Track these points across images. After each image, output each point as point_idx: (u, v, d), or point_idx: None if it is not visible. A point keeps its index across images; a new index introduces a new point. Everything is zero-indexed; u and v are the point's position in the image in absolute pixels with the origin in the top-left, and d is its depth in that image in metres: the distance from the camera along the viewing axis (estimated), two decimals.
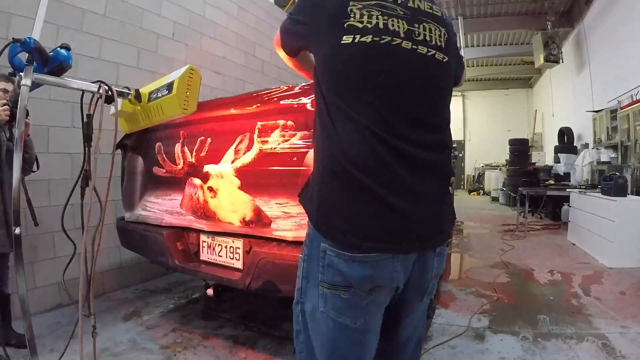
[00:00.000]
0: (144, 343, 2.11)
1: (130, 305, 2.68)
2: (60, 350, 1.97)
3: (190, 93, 1.52)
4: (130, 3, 3.11)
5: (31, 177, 2.41)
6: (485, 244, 4.73)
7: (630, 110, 5.29)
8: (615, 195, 3.69)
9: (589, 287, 3.03)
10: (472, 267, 3.71)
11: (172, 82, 1.49)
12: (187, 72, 1.53)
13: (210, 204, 1.92)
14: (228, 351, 2.02)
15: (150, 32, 3.31)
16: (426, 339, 2.15)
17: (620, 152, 5.67)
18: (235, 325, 2.34)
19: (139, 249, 2.33)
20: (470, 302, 2.72)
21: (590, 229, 4.14)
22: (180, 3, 3.63)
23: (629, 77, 5.47)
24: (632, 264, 3.52)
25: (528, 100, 13.09)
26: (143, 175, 2.26)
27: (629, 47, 5.58)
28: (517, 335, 2.18)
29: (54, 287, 2.53)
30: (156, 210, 2.18)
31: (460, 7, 8.31)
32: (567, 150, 7.38)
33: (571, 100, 8.54)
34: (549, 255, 4.10)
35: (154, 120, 1.61)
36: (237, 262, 1.88)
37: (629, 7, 5.58)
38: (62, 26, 2.57)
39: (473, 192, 12.33)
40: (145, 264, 2.98)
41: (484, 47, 10.65)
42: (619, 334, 2.17)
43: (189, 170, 2.00)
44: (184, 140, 2.00)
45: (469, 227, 6.08)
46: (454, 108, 13.82)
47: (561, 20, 8.18)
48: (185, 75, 1.53)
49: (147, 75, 3.22)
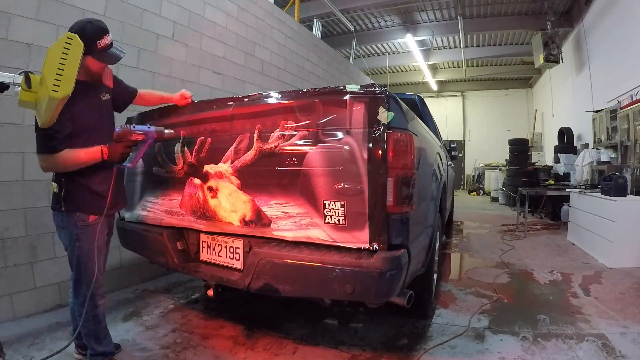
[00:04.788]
0: (144, 343, 2.11)
1: (130, 305, 2.68)
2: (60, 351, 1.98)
3: (65, 70, 1.17)
4: (130, 3, 3.11)
5: (31, 177, 2.42)
6: (485, 244, 4.73)
7: (630, 110, 5.29)
8: (615, 195, 3.69)
9: (589, 287, 3.03)
10: (472, 267, 3.71)
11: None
12: (62, 41, 1.19)
13: (210, 204, 1.92)
14: (228, 351, 2.02)
15: (150, 32, 3.31)
16: (426, 339, 2.15)
17: (620, 152, 5.67)
18: (235, 325, 2.34)
19: (139, 249, 2.33)
20: (470, 302, 2.72)
21: (590, 229, 4.14)
22: (180, 3, 3.63)
23: (628, 77, 5.48)
24: (632, 264, 3.52)
25: (528, 100, 13.10)
26: (143, 175, 2.25)
27: (629, 47, 5.59)
28: (517, 335, 2.18)
29: (54, 287, 2.52)
30: (156, 210, 2.18)
31: (460, 7, 8.31)
32: (567, 150, 7.39)
33: (571, 100, 8.55)
34: (549, 255, 4.10)
35: (42, 110, 1.26)
36: (237, 262, 1.88)
37: (629, 7, 5.58)
38: (62, 26, 2.56)
39: (473, 192, 12.34)
40: (145, 264, 2.97)
41: (484, 47, 10.66)
42: (619, 334, 2.16)
43: (189, 170, 2.00)
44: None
45: (468, 227, 6.08)
46: (454, 108, 13.89)
47: (561, 20, 8.18)
48: (58, 45, 1.18)
49: (147, 75, 3.22)
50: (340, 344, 2.09)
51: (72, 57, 1.21)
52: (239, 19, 4.49)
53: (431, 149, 2.38)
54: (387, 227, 1.54)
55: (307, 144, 1.65)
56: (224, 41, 4.23)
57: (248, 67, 4.66)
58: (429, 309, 2.40)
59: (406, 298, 1.75)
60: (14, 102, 1.60)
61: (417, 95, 3.96)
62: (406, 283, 1.71)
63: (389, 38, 10.02)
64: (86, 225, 1.66)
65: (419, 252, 1.85)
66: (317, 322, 2.37)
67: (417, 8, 8.70)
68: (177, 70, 3.59)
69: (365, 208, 1.53)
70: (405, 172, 1.59)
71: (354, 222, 1.56)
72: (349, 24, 8.69)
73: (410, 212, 1.63)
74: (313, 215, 1.63)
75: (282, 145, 1.70)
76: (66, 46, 1.20)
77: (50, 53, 1.21)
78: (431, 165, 2.30)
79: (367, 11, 8.90)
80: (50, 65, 1.19)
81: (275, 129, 1.73)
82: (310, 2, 7.94)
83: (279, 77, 5.33)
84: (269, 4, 5.16)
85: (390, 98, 1.61)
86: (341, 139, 1.59)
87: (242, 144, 1.83)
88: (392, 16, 9.17)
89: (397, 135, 1.57)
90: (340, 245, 1.60)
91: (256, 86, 4.76)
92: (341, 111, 1.61)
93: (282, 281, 1.69)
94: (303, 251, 1.65)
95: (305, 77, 6.08)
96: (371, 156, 1.53)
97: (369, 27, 9.84)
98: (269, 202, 1.73)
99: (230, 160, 1.85)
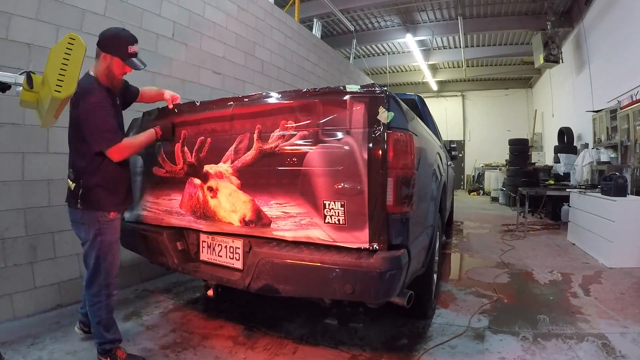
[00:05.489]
0: (144, 343, 2.11)
1: (130, 305, 2.68)
2: (60, 350, 1.98)
3: (68, 70, 1.18)
4: (130, 3, 3.11)
5: (31, 177, 2.42)
6: (485, 244, 4.73)
7: (630, 110, 5.29)
8: (615, 195, 3.69)
9: (589, 287, 3.03)
10: (472, 267, 3.71)
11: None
12: (65, 42, 1.20)
13: (210, 204, 1.92)
14: (228, 351, 2.02)
15: (150, 32, 3.30)
16: (426, 339, 2.15)
17: (620, 152, 5.67)
18: (235, 325, 2.34)
19: (139, 249, 2.32)
20: (470, 302, 2.72)
21: (590, 229, 4.14)
22: (180, 3, 3.63)
23: (628, 77, 5.47)
24: (632, 264, 3.52)
25: (528, 100, 13.09)
26: (143, 175, 2.25)
27: (628, 47, 5.58)
28: (517, 335, 2.18)
29: (54, 288, 2.52)
30: (156, 210, 2.18)
31: (460, 7, 8.31)
32: (567, 150, 7.39)
33: (571, 100, 8.55)
34: (549, 255, 4.10)
35: (43, 110, 1.26)
36: (237, 262, 1.88)
37: (629, 7, 5.58)
38: (62, 26, 2.57)
39: (473, 192, 12.33)
40: (145, 264, 2.97)
41: (484, 47, 10.66)
42: (619, 334, 2.16)
43: (189, 170, 2.00)
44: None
45: (468, 227, 6.08)
46: (454, 108, 13.89)
47: (561, 20, 8.18)
48: (61, 46, 1.19)
49: (147, 75, 3.22)
50: (340, 344, 2.09)
51: (74, 57, 1.21)
52: (239, 19, 4.49)
53: (431, 149, 2.38)
54: (387, 227, 1.54)
55: (307, 144, 1.64)
56: (224, 41, 4.23)
57: (248, 67, 4.66)
58: (429, 309, 2.40)
59: (406, 298, 1.75)
60: (13, 102, 1.60)
61: (417, 95, 3.96)
62: (406, 283, 1.71)
63: (389, 38, 10.02)
64: (108, 221, 1.80)
65: (419, 252, 1.85)
66: (317, 322, 2.37)
67: (417, 8, 8.70)
68: (177, 70, 3.59)
69: (365, 208, 1.53)
70: (405, 172, 1.59)
71: (354, 222, 1.56)
72: (349, 24, 8.69)
73: (410, 212, 1.63)
74: (313, 215, 1.63)
75: (282, 145, 1.70)
76: (69, 47, 1.20)
77: (52, 53, 1.21)
78: (431, 165, 2.30)
79: (367, 11, 8.90)
80: (52, 65, 1.18)
81: (275, 129, 1.73)
82: (310, 2, 7.94)
83: (279, 77, 5.33)
84: (269, 4, 5.16)
85: (390, 98, 1.62)
86: (341, 139, 1.59)
87: (242, 144, 1.82)
88: (392, 16, 9.17)
89: (397, 135, 1.57)
90: (340, 245, 1.60)
91: (256, 86, 4.76)
92: (341, 111, 1.61)
93: (282, 281, 1.69)
94: (303, 251, 1.65)
95: (305, 77, 6.08)
96: (371, 156, 1.53)
97: (369, 27, 9.83)
98: (269, 202, 1.73)
99: (230, 160, 1.85)
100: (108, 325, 1.83)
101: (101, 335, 1.81)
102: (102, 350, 1.82)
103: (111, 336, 1.83)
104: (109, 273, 1.80)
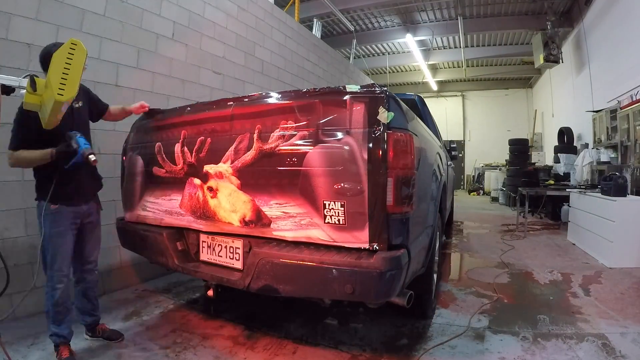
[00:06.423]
0: (144, 343, 2.11)
1: (130, 305, 2.68)
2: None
3: (70, 74, 1.22)
4: (129, 3, 3.11)
5: (31, 177, 2.41)
6: (485, 244, 4.73)
7: (630, 110, 5.29)
8: (615, 195, 3.69)
9: (589, 287, 3.03)
10: (472, 267, 3.71)
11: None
12: (66, 47, 1.23)
13: (210, 204, 1.92)
14: (228, 351, 2.02)
15: (150, 32, 3.30)
16: (426, 339, 2.15)
17: (620, 152, 5.67)
18: (235, 325, 2.34)
19: (139, 249, 2.33)
20: (470, 302, 2.72)
21: (590, 229, 4.13)
22: (180, 3, 3.63)
23: (628, 77, 5.47)
24: (632, 264, 3.52)
25: (528, 100, 13.10)
26: (143, 175, 2.25)
27: (629, 47, 5.58)
28: (517, 335, 2.18)
29: None
30: (156, 211, 2.18)
31: (460, 7, 8.31)
32: (567, 150, 7.39)
33: (571, 100, 8.55)
34: (549, 255, 4.10)
35: (46, 112, 1.30)
36: (237, 262, 1.88)
37: (629, 7, 5.58)
38: (62, 26, 2.57)
39: (473, 192, 12.33)
40: (145, 264, 2.97)
41: (484, 47, 10.66)
42: (619, 334, 2.16)
43: (189, 170, 2.00)
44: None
45: (468, 227, 6.08)
46: (454, 108, 13.89)
47: (561, 20, 8.18)
48: (62, 51, 1.23)
49: (147, 75, 3.22)
50: (340, 344, 2.09)
51: (76, 62, 1.25)
52: (239, 19, 4.49)
53: (431, 149, 2.38)
54: (387, 227, 1.54)
55: (307, 144, 1.64)
56: (224, 41, 4.23)
57: (248, 67, 4.66)
58: (429, 309, 2.40)
59: (406, 298, 1.75)
60: (13, 102, 1.60)
61: (417, 95, 3.96)
62: (406, 283, 1.71)
63: (389, 38, 10.02)
64: (49, 213, 1.83)
65: (419, 252, 1.85)
66: (317, 322, 2.37)
67: (417, 8, 8.70)
68: (177, 70, 3.59)
69: (365, 208, 1.53)
70: (405, 172, 1.59)
71: (354, 222, 1.56)
72: (349, 24, 8.69)
73: (410, 212, 1.63)
74: (313, 215, 1.63)
75: (282, 145, 1.70)
76: (70, 51, 1.23)
77: (55, 58, 1.23)
78: (431, 165, 2.30)
79: (367, 11, 8.90)
80: (55, 69, 1.21)
81: (275, 129, 1.73)
82: (310, 2, 7.94)
83: (279, 77, 5.33)
84: (269, 4, 5.16)
85: (390, 98, 1.62)
86: (341, 139, 1.59)
87: (242, 144, 1.82)
88: (392, 16, 9.17)
89: (397, 135, 1.57)
90: (340, 245, 1.60)
91: (256, 86, 4.76)
92: (341, 111, 1.61)
93: (282, 281, 1.69)
94: (303, 251, 1.65)
95: (305, 77, 6.08)
96: (371, 156, 1.53)
97: (369, 27, 9.83)
98: (269, 202, 1.73)
99: (230, 160, 1.85)
100: (55, 318, 1.87)
101: (49, 326, 1.89)
102: (52, 341, 1.91)
103: (56, 329, 1.88)
104: (51, 266, 1.85)
